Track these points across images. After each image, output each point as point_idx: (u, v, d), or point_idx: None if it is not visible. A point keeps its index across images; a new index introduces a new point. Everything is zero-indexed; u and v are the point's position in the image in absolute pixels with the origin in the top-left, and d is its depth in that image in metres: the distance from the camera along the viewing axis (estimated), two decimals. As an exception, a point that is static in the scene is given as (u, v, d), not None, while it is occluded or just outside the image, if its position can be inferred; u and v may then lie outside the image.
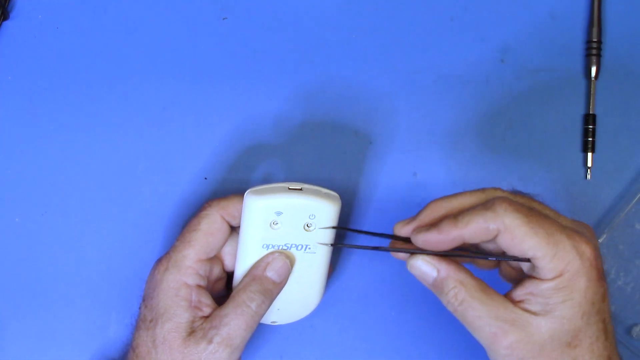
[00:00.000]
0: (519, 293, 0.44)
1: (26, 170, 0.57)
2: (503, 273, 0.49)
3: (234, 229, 0.51)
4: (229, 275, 0.52)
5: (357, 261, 0.57)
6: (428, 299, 0.56)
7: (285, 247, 0.49)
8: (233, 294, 0.49)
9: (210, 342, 0.47)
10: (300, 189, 0.48)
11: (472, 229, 0.43)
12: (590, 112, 0.57)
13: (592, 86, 0.57)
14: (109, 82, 0.57)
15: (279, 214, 0.47)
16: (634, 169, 0.57)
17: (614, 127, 0.57)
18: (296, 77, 0.58)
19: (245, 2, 0.58)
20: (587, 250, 0.43)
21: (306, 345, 0.56)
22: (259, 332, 0.56)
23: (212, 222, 0.49)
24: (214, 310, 0.49)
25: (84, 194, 0.57)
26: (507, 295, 0.44)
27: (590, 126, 0.57)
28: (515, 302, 0.44)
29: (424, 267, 0.45)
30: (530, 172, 0.57)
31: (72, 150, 0.57)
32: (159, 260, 0.50)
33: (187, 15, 0.58)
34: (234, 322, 0.47)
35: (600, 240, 0.56)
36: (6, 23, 0.58)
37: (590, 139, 0.57)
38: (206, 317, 0.48)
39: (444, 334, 0.56)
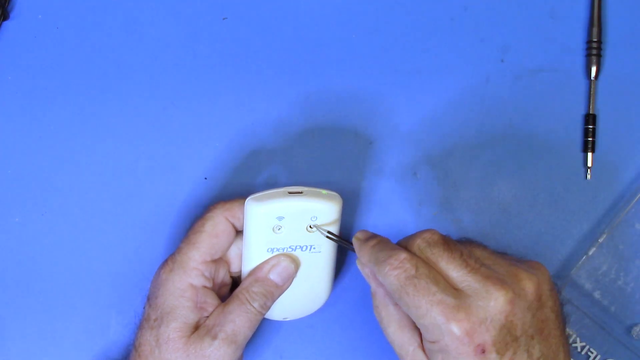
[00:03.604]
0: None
1: (26, 170, 0.57)
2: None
3: (239, 232, 0.51)
4: (235, 281, 0.52)
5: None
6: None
7: (289, 249, 0.49)
8: (236, 292, 0.49)
9: (214, 337, 0.47)
10: (301, 192, 0.48)
11: (367, 262, 0.46)
12: (590, 112, 0.57)
13: (592, 86, 0.57)
14: (109, 82, 0.57)
15: (280, 218, 0.48)
16: (634, 169, 0.57)
17: (614, 127, 0.57)
18: (296, 77, 0.58)
19: (245, 2, 0.58)
20: (455, 328, 0.42)
21: (306, 345, 0.56)
22: (259, 331, 0.56)
23: (216, 224, 0.49)
24: (217, 307, 0.49)
25: (84, 194, 0.57)
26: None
27: (590, 126, 0.57)
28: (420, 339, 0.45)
29: (366, 272, 0.47)
30: (530, 172, 0.57)
31: (72, 150, 0.57)
32: (164, 262, 0.50)
33: (187, 15, 0.58)
34: (238, 319, 0.48)
35: (600, 240, 0.56)
36: (6, 23, 0.58)
37: (590, 139, 0.57)
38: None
39: (444, 334, 0.56)
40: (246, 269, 0.50)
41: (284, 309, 0.52)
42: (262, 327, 0.56)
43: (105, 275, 0.56)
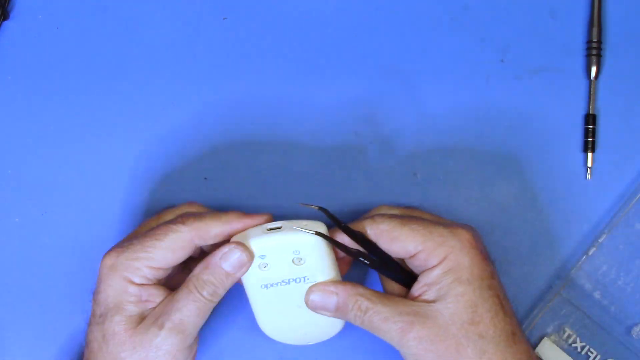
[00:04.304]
0: (415, 288, 0.48)
1: (26, 170, 0.57)
2: (388, 290, 0.51)
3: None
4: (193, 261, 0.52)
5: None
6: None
7: (283, 283, 0.48)
8: (187, 280, 0.48)
9: (161, 327, 0.46)
10: (280, 227, 0.47)
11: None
12: (590, 112, 0.57)
13: (592, 86, 0.57)
14: (109, 82, 0.57)
15: (262, 257, 0.47)
16: (634, 169, 0.57)
17: (614, 127, 0.57)
18: (296, 77, 0.58)
19: (245, 2, 0.58)
20: (464, 234, 0.47)
21: (306, 346, 0.56)
22: (259, 333, 0.56)
23: (178, 240, 0.47)
24: (166, 296, 0.48)
25: (84, 194, 0.57)
26: (405, 296, 0.48)
27: (590, 126, 0.57)
28: (413, 298, 0.47)
29: (324, 296, 0.48)
30: (530, 172, 0.57)
31: (72, 150, 0.57)
32: (109, 252, 0.48)
33: (187, 15, 0.58)
34: (186, 307, 0.46)
35: (600, 240, 0.56)
36: (6, 23, 0.58)
37: (590, 139, 0.57)
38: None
39: (444, 334, 0.56)
40: (250, 304, 0.50)
41: (301, 337, 0.52)
42: (262, 330, 0.56)
43: (105, 275, 0.56)
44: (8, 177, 0.57)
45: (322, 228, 0.48)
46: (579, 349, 0.55)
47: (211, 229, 0.48)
